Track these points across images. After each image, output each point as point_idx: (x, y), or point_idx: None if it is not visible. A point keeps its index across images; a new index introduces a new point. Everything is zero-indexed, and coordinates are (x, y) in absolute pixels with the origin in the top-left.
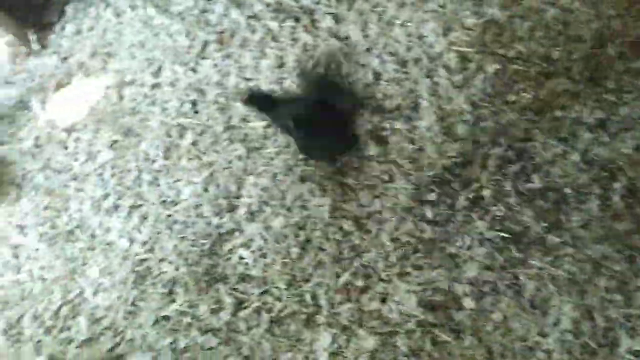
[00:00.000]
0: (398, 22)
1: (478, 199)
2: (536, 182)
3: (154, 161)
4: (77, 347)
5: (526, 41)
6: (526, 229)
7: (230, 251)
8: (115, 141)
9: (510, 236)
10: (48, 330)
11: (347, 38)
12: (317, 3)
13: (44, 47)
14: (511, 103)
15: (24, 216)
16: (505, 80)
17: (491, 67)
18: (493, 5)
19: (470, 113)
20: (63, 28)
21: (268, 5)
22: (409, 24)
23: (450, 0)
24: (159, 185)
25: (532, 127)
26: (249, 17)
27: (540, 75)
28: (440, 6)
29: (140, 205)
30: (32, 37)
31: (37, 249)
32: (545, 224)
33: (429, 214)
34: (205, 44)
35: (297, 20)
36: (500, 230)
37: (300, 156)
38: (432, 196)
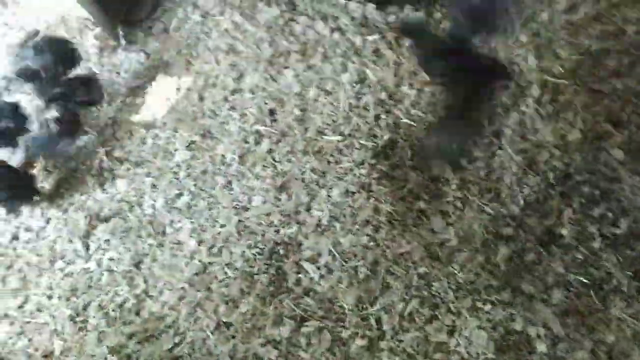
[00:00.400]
0: (486, 45)
1: (557, 238)
2: (622, 228)
3: (229, 165)
4: (137, 342)
5: (624, 77)
6: (609, 275)
7: (297, 264)
8: (193, 142)
9: (590, 282)
10: (112, 322)
11: None
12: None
13: (130, 42)
14: (601, 140)
15: (99, 206)
16: (597, 117)
17: (583, 101)
18: (591, 37)
19: (556, 147)
20: (151, 26)
21: (354, 19)
22: (498, 49)
23: (545, 28)
24: (232, 189)
25: (622, 169)
26: (334, 29)
27: (636, 115)
28: (534, 34)
29: (212, 208)
30: (121, 32)
31: (107, 240)
32: (630, 273)
33: (504, 248)
34: (289, 53)
35: (382, 36)
36: (580, 274)
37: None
38: (508, 230)
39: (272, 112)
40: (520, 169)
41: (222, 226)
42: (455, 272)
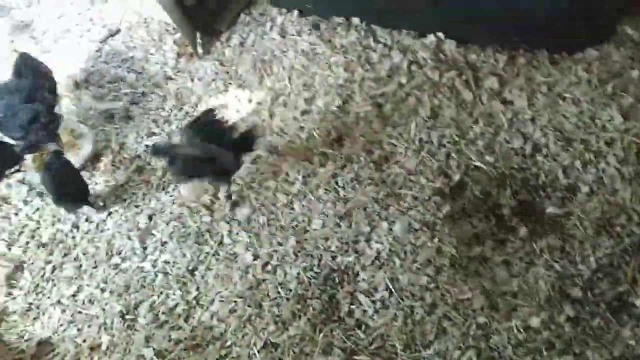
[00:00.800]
0: (569, 97)
1: (629, 307)
2: None
3: (292, 184)
4: (184, 349)
5: None
6: None
7: (351, 295)
8: (259, 156)
9: None
10: (161, 325)
11: (510, 103)
12: (484, 62)
13: (207, 52)
14: None
15: (160, 208)
16: None
17: None
18: None
19: (635, 211)
20: (229, 38)
21: (432, 53)
22: (582, 101)
23: (635, 86)
24: (293, 208)
25: None
26: (411, 62)
27: None
28: (622, 91)
29: (271, 225)
30: (199, 40)
31: (165, 243)
32: None
33: (569, 309)
34: (362, 80)
35: (459, 74)
36: None
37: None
38: (575, 291)
39: (339, 136)
40: (594, 228)
41: (279, 244)
42: (516, 327)
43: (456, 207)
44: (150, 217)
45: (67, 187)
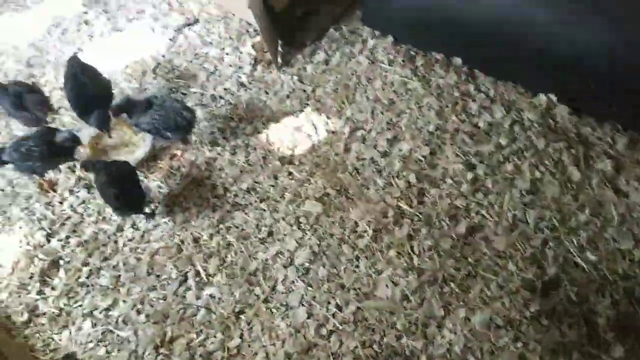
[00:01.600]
0: None
1: None
2: None
3: (360, 236)
4: None
5: None
6: None
7: None
8: (327, 194)
9: None
10: None
11: (625, 195)
12: (600, 139)
13: (286, 64)
14: None
15: (213, 231)
16: None
17: None
18: None
19: None
20: (313, 53)
21: (542, 117)
22: None
23: None
24: (357, 266)
25: None
26: (514, 121)
27: None
28: None
29: (331, 280)
30: (280, 49)
31: (213, 275)
32: None
33: None
34: (456, 132)
35: (568, 146)
36: None
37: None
38: None
39: (421, 192)
40: None
41: (337, 307)
42: None
43: (546, 307)
44: (198, 240)
45: (124, 193)
